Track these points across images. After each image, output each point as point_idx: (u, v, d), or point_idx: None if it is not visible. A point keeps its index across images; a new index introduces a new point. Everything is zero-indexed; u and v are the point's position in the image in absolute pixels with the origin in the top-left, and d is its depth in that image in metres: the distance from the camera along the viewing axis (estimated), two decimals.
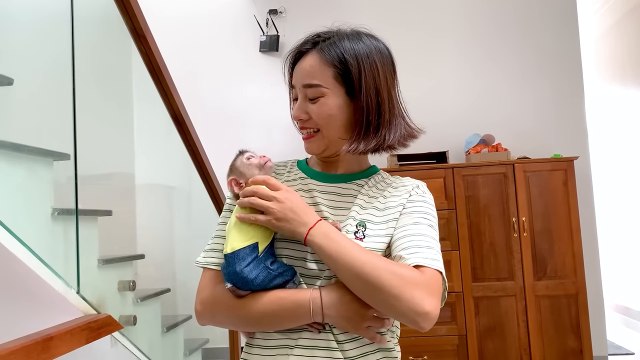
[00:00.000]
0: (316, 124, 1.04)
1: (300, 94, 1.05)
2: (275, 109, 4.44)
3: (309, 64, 1.03)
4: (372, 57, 1.03)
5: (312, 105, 1.03)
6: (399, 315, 0.89)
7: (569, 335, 3.57)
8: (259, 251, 0.96)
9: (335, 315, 0.94)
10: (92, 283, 1.85)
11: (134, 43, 2.25)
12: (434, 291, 0.90)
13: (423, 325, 0.88)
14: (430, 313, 0.87)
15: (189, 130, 2.67)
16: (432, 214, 1.04)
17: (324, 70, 1.02)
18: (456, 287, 3.64)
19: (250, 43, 4.50)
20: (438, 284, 0.93)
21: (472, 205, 3.68)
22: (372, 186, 1.09)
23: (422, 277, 0.90)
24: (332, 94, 1.02)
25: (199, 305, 1.03)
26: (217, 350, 3.32)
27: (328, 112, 1.02)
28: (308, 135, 1.06)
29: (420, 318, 0.87)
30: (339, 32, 1.07)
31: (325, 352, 0.96)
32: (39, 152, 1.71)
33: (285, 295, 0.95)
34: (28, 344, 1.35)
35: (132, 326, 2.06)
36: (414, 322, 0.88)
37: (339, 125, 1.04)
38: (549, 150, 4.02)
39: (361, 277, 0.89)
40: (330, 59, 1.02)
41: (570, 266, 3.59)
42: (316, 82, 1.02)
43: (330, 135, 1.04)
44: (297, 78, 1.06)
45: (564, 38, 4.20)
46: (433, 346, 3.59)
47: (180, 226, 3.57)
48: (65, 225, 1.78)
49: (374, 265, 0.89)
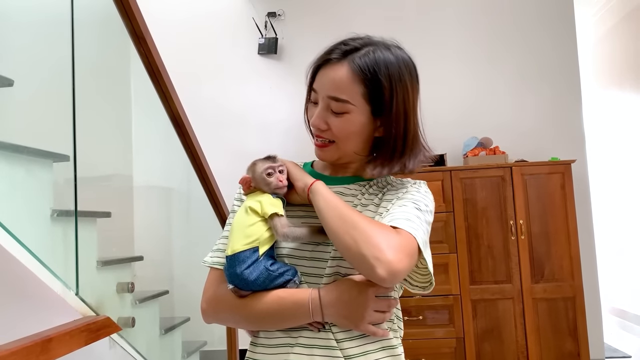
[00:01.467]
0: (334, 136, 1.03)
1: (322, 102, 1.02)
2: (274, 111, 4.44)
3: (339, 75, 0.99)
4: (404, 78, 1.01)
5: (334, 117, 1.01)
6: (360, 259, 0.86)
7: (566, 338, 3.58)
8: (260, 254, 0.97)
9: (334, 314, 0.95)
10: (91, 285, 1.85)
11: (133, 45, 2.25)
12: (404, 246, 0.88)
13: (380, 272, 0.83)
14: (393, 264, 0.84)
15: (188, 132, 2.67)
16: (423, 201, 1.03)
17: (353, 87, 0.99)
18: (454, 289, 3.64)
19: (249, 46, 4.50)
20: (410, 246, 0.90)
21: (469, 208, 3.69)
22: (372, 185, 1.10)
23: (396, 234, 0.90)
24: (357, 111, 1.00)
25: (204, 303, 1.05)
26: (215, 352, 3.32)
27: (350, 129, 1.02)
28: (322, 144, 1.05)
29: (378, 263, 0.83)
30: (371, 42, 1.03)
31: (324, 350, 0.96)
32: (39, 153, 1.71)
33: (285, 295, 0.96)
34: (27, 345, 1.35)
35: (130, 328, 2.06)
36: (371, 267, 0.84)
37: (357, 142, 1.05)
38: (547, 154, 4.03)
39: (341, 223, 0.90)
40: (362, 76, 0.98)
41: (567, 269, 3.60)
42: (344, 98, 0.99)
43: (346, 148, 1.05)
44: (322, 85, 1.02)
45: (561, 42, 4.22)
46: (430, 349, 3.59)
47: (179, 228, 3.57)
48: (64, 226, 1.78)
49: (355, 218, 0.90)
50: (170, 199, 3.51)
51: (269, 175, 1.03)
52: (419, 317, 3.60)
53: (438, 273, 3.58)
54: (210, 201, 3.00)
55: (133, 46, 2.26)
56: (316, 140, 1.06)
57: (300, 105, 4.09)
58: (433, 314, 3.63)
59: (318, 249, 1.01)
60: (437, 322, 3.64)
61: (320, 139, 1.05)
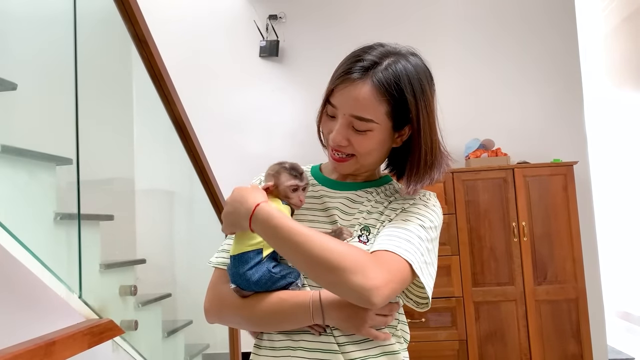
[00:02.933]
0: (355, 151, 1.02)
1: (344, 120, 0.99)
2: (275, 114, 4.45)
3: (362, 95, 0.96)
4: (425, 89, 1.01)
5: (356, 135, 1.00)
6: (347, 293, 0.87)
7: (569, 340, 3.57)
8: (263, 256, 0.98)
9: (335, 317, 0.95)
10: (94, 288, 1.85)
11: (135, 48, 2.25)
12: (388, 269, 0.88)
13: (373, 300, 0.85)
14: (381, 288, 0.85)
15: (190, 135, 2.67)
16: (428, 217, 1.03)
17: (377, 105, 0.97)
18: (456, 292, 3.64)
19: (250, 48, 4.51)
20: (395, 267, 0.90)
21: (472, 210, 3.69)
22: (380, 192, 1.10)
23: (373, 257, 0.90)
24: (380, 129, 1.00)
25: (207, 303, 1.06)
26: (218, 355, 3.31)
27: (372, 147, 1.02)
28: (341, 158, 1.04)
29: (368, 293, 0.84)
30: (387, 53, 1.01)
31: (326, 354, 0.97)
32: (42, 156, 1.72)
33: (286, 297, 0.97)
34: (31, 349, 1.35)
35: (133, 331, 2.05)
36: (362, 297, 0.85)
37: (376, 156, 1.05)
38: (549, 155, 4.03)
39: (306, 257, 0.88)
40: (386, 95, 0.97)
41: (570, 271, 3.60)
42: (368, 117, 0.97)
43: (366, 162, 1.05)
44: (343, 103, 0.99)
45: (563, 43, 4.22)
46: (433, 351, 3.59)
47: (181, 231, 3.58)
48: (67, 229, 1.78)
49: (320, 244, 0.88)
50: (173, 203, 3.51)
51: (293, 191, 1.04)
52: (422, 320, 3.60)
53: (440, 275, 3.57)
54: (212, 205, 3.00)
55: (135, 50, 2.27)
56: (334, 154, 1.05)
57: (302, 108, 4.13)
58: (436, 317, 3.62)
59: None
60: (440, 324, 3.64)
61: (338, 153, 1.04)
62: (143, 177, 3.02)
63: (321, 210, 1.07)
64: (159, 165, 3.23)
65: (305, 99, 4.42)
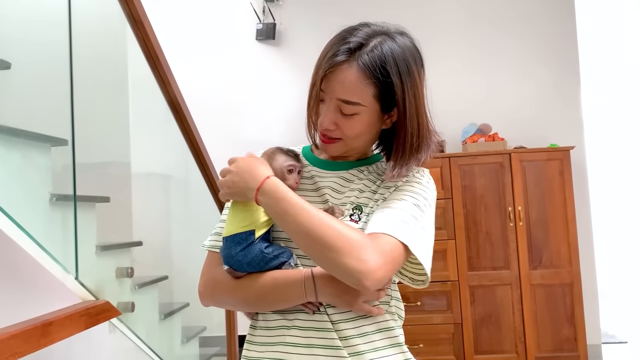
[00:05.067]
0: (343, 135, 1.01)
1: (332, 104, 0.99)
2: (272, 97, 4.42)
3: (349, 78, 0.96)
4: (412, 70, 0.99)
5: (344, 119, 0.99)
6: (340, 274, 0.88)
7: (563, 324, 3.61)
8: (255, 237, 0.98)
9: (328, 293, 0.95)
10: (90, 269, 1.85)
11: (130, 29, 2.23)
12: (382, 252, 0.89)
13: (365, 283, 0.86)
14: (374, 271, 0.86)
15: (186, 118, 2.65)
16: (422, 194, 1.02)
17: (364, 88, 0.96)
18: (452, 276, 3.66)
19: (247, 31, 4.47)
20: (390, 248, 0.90)
21: (468, 194, 3.69)
22: (372, 172, 1.09)
23: (369, 240, 0.90)
24: (368, 111, 0.99)
25: (201, 286, 1.06)
26: (214, 338, 3.33)
27: (360, 130, 1.01)
28: (329, 140, 1.03)
29: (361, 275, 0.85)
30: (373, 33, 0.99)
31: (320, 332, 0.97)
32: (37, 137, 1.70)
33: (279, 276, 0.97)
34: (28, 329, 1.35)
35: (130, 313, 2.06)
36: (356, 280, 0.86)
37: (365, 139, 1.05)
38: (546, 140, 4.03)
39: (306, 234, 0.89)
40: (373, 77, 0.96)
41: (565, 255, 3.62)
42: (355, 100, 0.97)
43: (354, 145, 1.05)
44: (331, 88, 0.98)
45: (560, 27, 4.20)
46: (428, 334, 3.62)
47: (178, 214, 3.57)
48: (63, 211, 1.77)
49: (320, 222, 0.89)
50: (169, 186, 3.50)
51: (289, 172, 1.04)
52: (417, 303, 3.62)
53: (436, 259, 3.56)
54: (208, 187, 2.99)
55: (130, 30, 2.24)
56: (322, 137, 1.04)
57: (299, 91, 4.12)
58: (431, 300, 3.65)
59: None
60: (435, 308, 3.66)
61: (326, 136, 1.03)
62: (139, 159, 3.00)
63: (312, 190, 1.07)
64: (154, 148, 3.22)
65: (301, 82, 4.38)
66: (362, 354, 0.97)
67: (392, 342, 1.01)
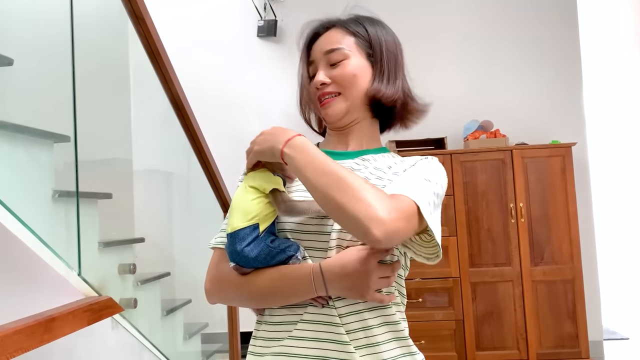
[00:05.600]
0: (339, 86, 1.07)
1: (322, 63, 1.10)
2: (273, 94, 4.42)
3: (330, 35, 1.11)
4: (386, 28, 1.14)
5: (334, 70, 1.08)
6: (350, 219, 0.84)
7: (565, 320, 3.61)
8: (260, 231, 0.96)
9: (338, 287, 0.95)
10: (93, 265, 1.85)
11: (132, 26, 2.23)
12: (399, 207, 0.87)
13: (376, 233, 0.81)
14: (388, 223, 0.82)
15: (188, 115, 2.65)
16: (432, 174, 1.01)
17: (345, 37, 1.10)
18: (453, 272, 3.66)
19: (248, 28, 4.47)
20: (406, 206, 0.89)
21: (470, 191, 3.69)
22: (378, 159, 1.09)
23: (388, 196, 0.88)
24: (354, 56, 1.08)
25: (207, 283, 1.05)
26: (217, 335, 3.34)
27: (352, 72, 1.07)
28: (328, 98, 1.08)
29: (372, 223, 0.81)
30: (357, 15, 1.15)
31: (328, 326, 0.97)
32: (40, 133, 1.70)
33: (288, 271, 0.96)
34: (31, 325, 1.36)
35: (132, 309, 2.06)
36: (365, 228, 0.82)
37: (361, 88, 1.08)
38: (547, 137, 4.03)
39: (325, 182, 0.86)
40: (352, 30, 1.10)
41: (567, 252, 3.62)
42: (339, 46, 1.08)
43: (352, 97, 1.08)
44: (317, 49, 1.11)
45: (563, 24, 4.19)
46: (430, 331, 3.62)
47: (180, 211, 3.58)
48: (66, 207, 1.77)
49: (343, 172, 0.87)
50: (171, 182, 3.50)
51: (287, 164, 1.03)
52: (419, 300, 3.62)
53: None
54: (210, 184, 3.00)
55: (132, 27, 2.24)
56: (322, 99, 1.09)
57: None
58: (433, 297, 3.65)
59: (322, 223, 0.99)
60: (437, 304, 3.66)
61: (325, 96, 1.08)
62: (141, 156, 3.00)
63: None
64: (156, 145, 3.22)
65: None
66: (366, 347, 0.97)
67: (397, 336, 1.01)
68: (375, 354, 0.97)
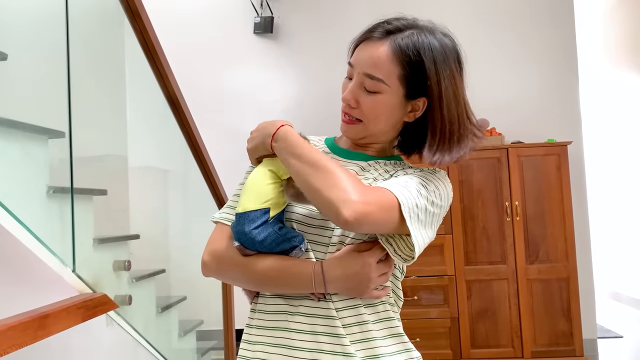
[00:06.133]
0: (362, 115, 1.01)
1: (357, 79, 1.00)
2: (270, 91, 4.42)
3: (377, 53, 0.97)
4: (449, 62, 1.00)
5: (366, 96, 0.99)
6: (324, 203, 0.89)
7: (559, 318, 3.62)
8: (270, 216, 0.98)
9: (338, 287, 0.96)
10: (87, 262, 1.84)
11: (128, 21, 2.22)
12: (374, 194, 0.90)
13: (344, 212, 0.85)
14: (357, 203, 0.86)
15: (184, 111, 2.64)
16: (433, 182, 1.00)
17: (391, 67, 0.97)
18: (449, 270, 3.67)
19: (245, 25, 4.46)
20: (381, 194, 0.91)
21: (465, 189, 3.70)
22: (388, 165, 1.08)
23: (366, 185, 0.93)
24: (390, 92, 0.98)
25: (206, 255, 1.05)
26: (212, 332, 3.33)
27: (379, 111, 1.00)
28: (350, 120, 1.03)
29: (343, 204, 0.86)
30: (415, 25, 1.01)
31: (325, 320, 0.97)
32: (34, 129, 1.69)
33: (289, 264, 0.97)
34: (25, 321, 1.35)
35: (127, 306, 2.05)
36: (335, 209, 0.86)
37: (385, 124, 1.03)
38: (543, 135, 4.03)
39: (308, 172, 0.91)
40: (402, 57, 0.96)
41: (562, 250, 3.63)
42: (379, 77, 0.97)
43: (373, 130, 1.03)
44: (359, 61, 1.00)
45: (559, 23, 4.20)
46: (425, 329, 3.63)
47: (175, 208, 3.57)
48: (60, 203, 1.76)
49: (326, 164, 0.92)
50: (167, 179, 3.49)
51: None
52: (414, 297, 3.63)
53: (433, 254, 3.60)
54: (206, 181, 2.99)
55: (128, 23, 2.23)
56: (343, 117, 1.04)
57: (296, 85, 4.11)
58: (428, 295, 3.66)
59: (326, 218, 0.99)
60: (432, 302, 3.67)
61: (347, 115, 1.03)
62: (137, 153, 2.99)
63: None
64: (152, 141, 3.21)
65: (299, 76, 4.39)
66: (362, 342, 0.97)
67: (392, 332, 1.02)
68: (371, 349, 0.98)
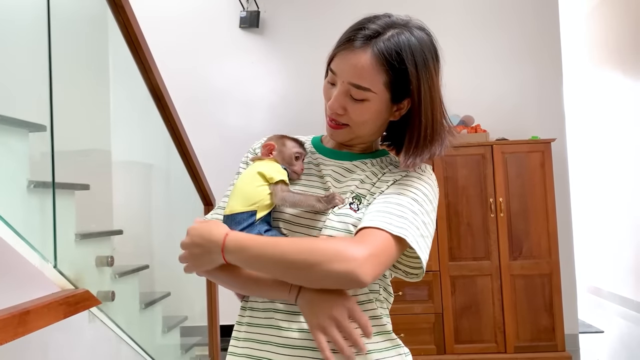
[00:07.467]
0: (350, 121, 1.01)
1: (342, 87, 0.98)
2: (256, 86, 4.39)
3: (361, 62, 0.96)
4: (428, 63, 0.99)
5: (352, 103, 0.99)
6: (333, 283, 0.88)
7: (542, 314, 3.66)
8: (256, 218, 0.99)
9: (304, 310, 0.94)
10: (69, 258, 1.82)
11: (111, 13, 2.18)
12: (368, 245, 0.88)
13: (360, 279, 0.84)
14: (361, 265, 0.84)
15: (168, 105, 2.62)
16: (423, 190, 1.01)
17: (376, 75, 0.96)
18: (433, 266, 3.68)
19: (230, 19, 4.42)
20: (379, 241, 0.89)
21: (450, 185, 3.71)
22: (375, 164, 1.09)
23: (348, 239, 0.91)
24: (377, 99, 0.98)
25: None
26: (196, 328, 3.31)
27: (368, 117, 1.00)
28: (337, 125, 1.03)
29: (352, 275, 0.84)
30: (392, 24, 0.99)
31: None
32: (14, 122, 1.66)
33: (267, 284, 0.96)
34: (4, 318, 1.33)
35: (110, 302, 2.03)
36: (349, 280, 0.85)
37: (371, 127, 1.03)
38: (527, 132, 4.06)
39: (286, 263, 0.88)
40: (386, 65, 0.96)
41: (545, 247, 3.66)
42: (366, 86, 0.96)
43: (360, 133, 1.04)
44: (342, 70, 0.98)
45: (544, 21, 4.23)
46: (409, 324, 3.64)
47: (159, 203, 3.54)
48: (41, 198, 1.73)
49: (293, 247, 0.89)
50: (150, 174, 3.46)
51: (296, 159, 1.06)
52: (399, 293, 3.64)
53: None
54: (191, 176, 2.97)
55: (111, 15, 2.20)
56: (329, 122, 1.04)
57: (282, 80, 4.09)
58: (412, 290, 3.67)
59: (314, 217, 1.00)
60: (417, 297, 3.68)
61: (334, 121, 1.03)
62: (120, 147, 2.96)
63: (317, 177, 1.08)
64: (136, 136, 3.18)
65: (285, 72, 4.37)
66: None
67: (380, 330, 1.02)
68: None
